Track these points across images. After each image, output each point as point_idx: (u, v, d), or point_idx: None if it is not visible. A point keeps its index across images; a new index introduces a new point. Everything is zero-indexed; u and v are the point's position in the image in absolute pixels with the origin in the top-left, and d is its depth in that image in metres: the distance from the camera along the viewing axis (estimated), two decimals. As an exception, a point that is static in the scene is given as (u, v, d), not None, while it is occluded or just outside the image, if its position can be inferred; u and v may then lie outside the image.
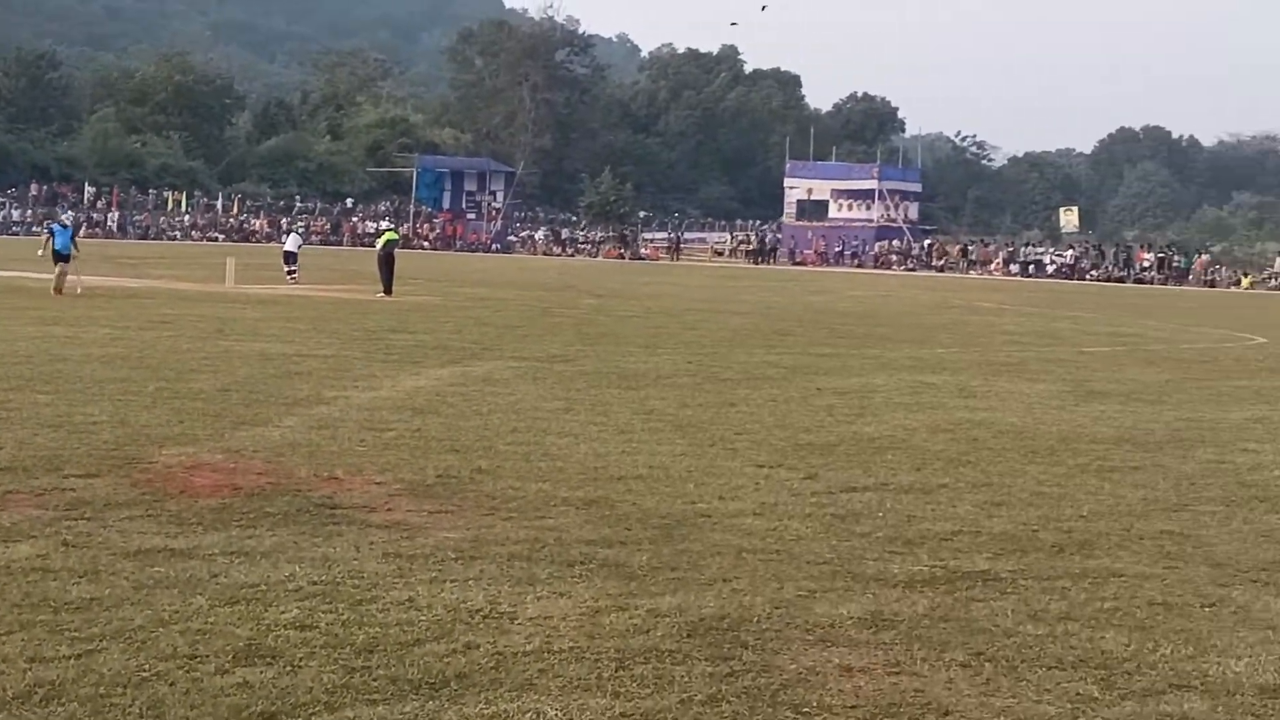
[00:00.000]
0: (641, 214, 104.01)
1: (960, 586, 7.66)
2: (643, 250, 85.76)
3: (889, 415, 14.73)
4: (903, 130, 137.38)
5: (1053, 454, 12.50)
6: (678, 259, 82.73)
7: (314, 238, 75.19)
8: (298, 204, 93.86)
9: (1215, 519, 9.81)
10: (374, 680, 5.78)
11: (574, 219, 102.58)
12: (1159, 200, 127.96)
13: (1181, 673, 6.29)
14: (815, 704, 5.72)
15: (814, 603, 7.20)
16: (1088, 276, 72.03)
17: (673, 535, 8.62)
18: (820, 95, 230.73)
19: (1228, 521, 9.74)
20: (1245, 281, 70.68)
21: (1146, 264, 73.80)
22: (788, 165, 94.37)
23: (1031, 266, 75.61)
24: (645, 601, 7.06)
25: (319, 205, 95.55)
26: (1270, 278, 71.64)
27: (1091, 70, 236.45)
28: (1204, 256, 76.72)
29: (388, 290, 32.55)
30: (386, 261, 33.36)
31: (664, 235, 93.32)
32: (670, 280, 52.21)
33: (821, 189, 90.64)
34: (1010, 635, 6.78)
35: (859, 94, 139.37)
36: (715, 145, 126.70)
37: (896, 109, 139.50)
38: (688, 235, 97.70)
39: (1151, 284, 69.61)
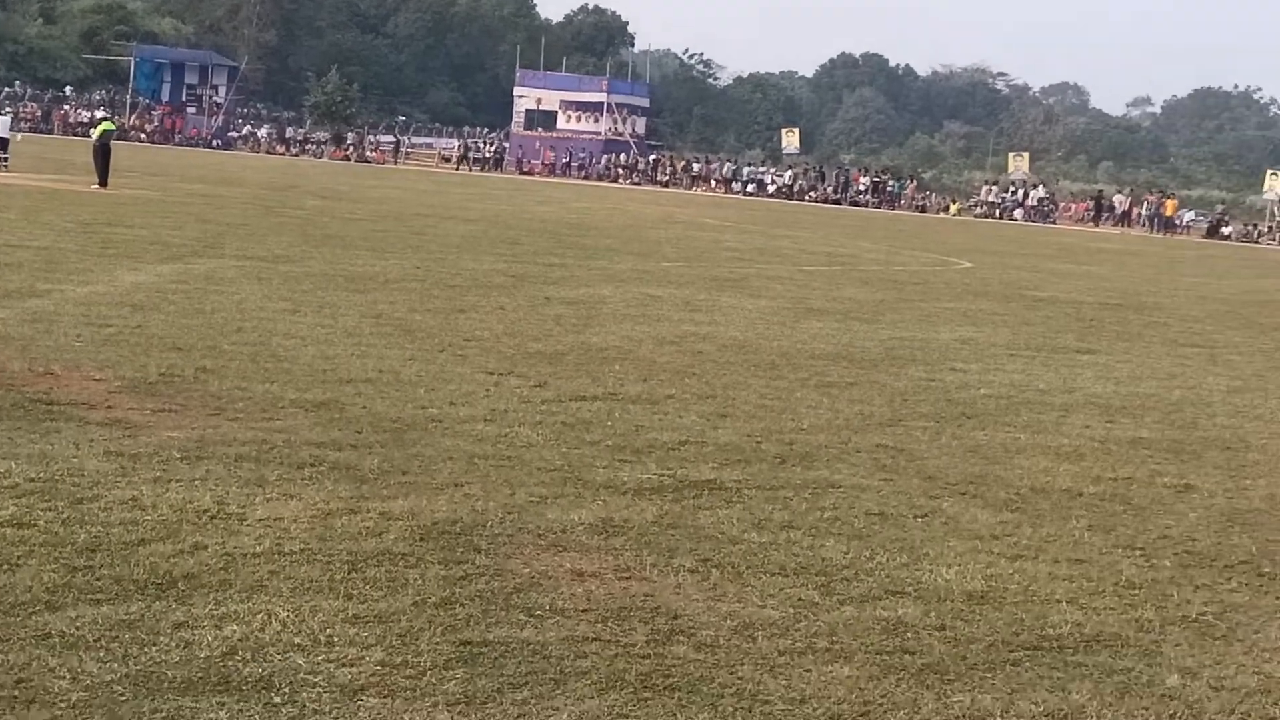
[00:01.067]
0: (368, 117, 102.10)
1: (688, 495, 7.83)
2: (369, 153, 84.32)
3: (616, 326, 14.89)
4: (632, 45, 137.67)
5: (774, 368, 12.82)
6: (401, 163, 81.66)
7: (24, 124, 71.77)
8: (6, 89, 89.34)
9: (926, 434, 10.22)
10: (97, 580, 5.64)
11: (298, 118, 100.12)
12: (875, 126, 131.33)
13: (896, 579, 6.56)
14: (547, 607, 5.79)
15: (545, 508, 7.28)
16: (806, 197, 73.62)
17: (403, 439, 8.59)
18: (552, 6, 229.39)
19: (938, 436, 10.16)
20: (954, 208, 73.21)
21: (862, 187, 75.72)
22: (518, 74, 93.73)
23: (753, 186, 76.88)
24: (377, 505, 7.03)
25: (30, 91, 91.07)
26: (977, 205, 74.33)
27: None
28: (914, 183, 79.15)
29: (103, 182, 31.45)
30: (102, 153, 32.25)
31: (390, 139, 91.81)
32: (396, 185, 51.53)
33: (550, 99, 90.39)
34: (736, 542, 6.96)
35: (590, 6, 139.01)
36: (445, 50, 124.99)
37: (627, 23, 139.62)
38: (415, 140, 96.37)
39: (866, 207, 71.52)
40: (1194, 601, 6.55)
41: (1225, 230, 64.50)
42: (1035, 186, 75.84)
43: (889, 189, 75.93)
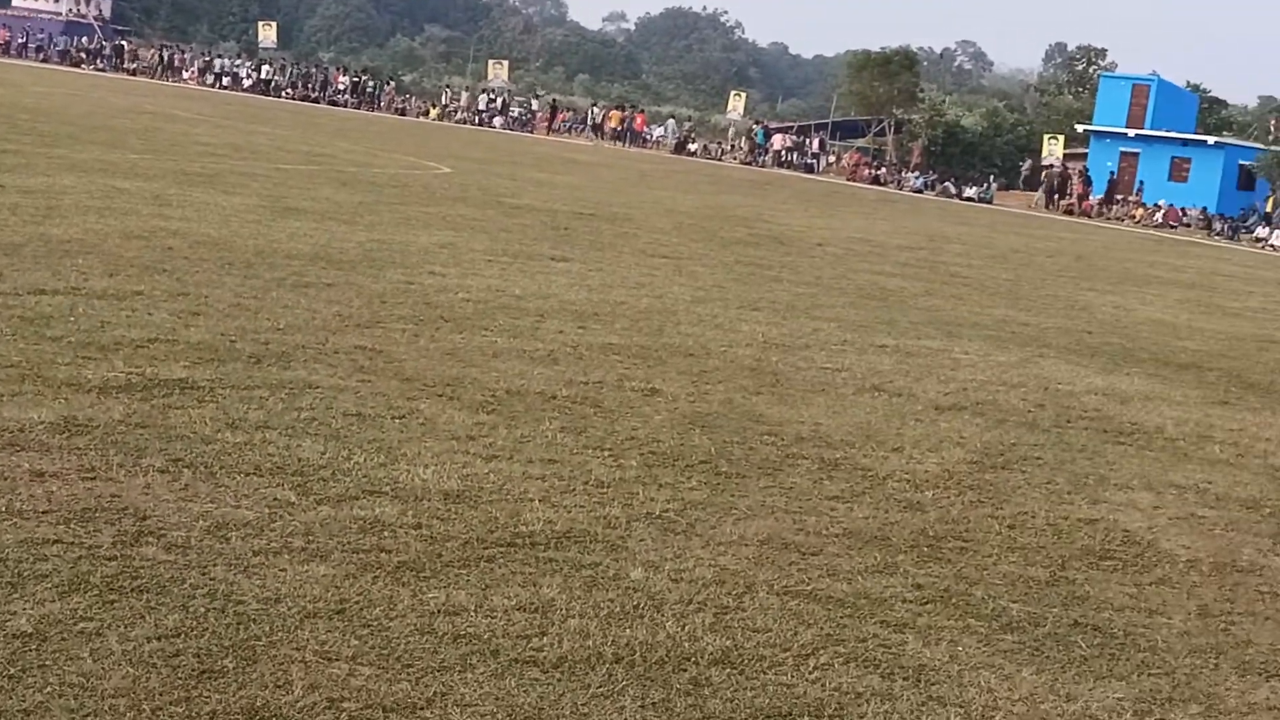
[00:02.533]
0: None
1: (157, 394, 7.59)
2: None
3: (79, 219, 14.17)
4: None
5: (250, 267, 12.54)
6: None
7: None
8: None
9: (405, 336, 10.25)
10: None
11: None
12: (355, 24, 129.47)
13: (374, 479, 6.59)
14: (5, 509, 5.51)
15: (1, 406, 6.89)
16: (283, 94, 72.02)
17: None
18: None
19: (416, 339, 10.22)
20: (434, 112, 73.34)
21: (342, 87, 74.73)
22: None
23: (228, 79, 74.56)
24: None
25: None
26: (456, 110, 74.73)
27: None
28: (393, 85, 78.73)
29: None
30: None
31: None
32: None
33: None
34: (209, 442, 6.81)
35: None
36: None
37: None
38: None
39: (345, 107, 70.66)
40: (658, 499, 6.88)
41: (691, 147, 67.31)
42: (529, 99, 76.94)
43: (368, 89, 75.24)
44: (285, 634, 4.76)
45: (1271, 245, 48.22)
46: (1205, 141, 63.15)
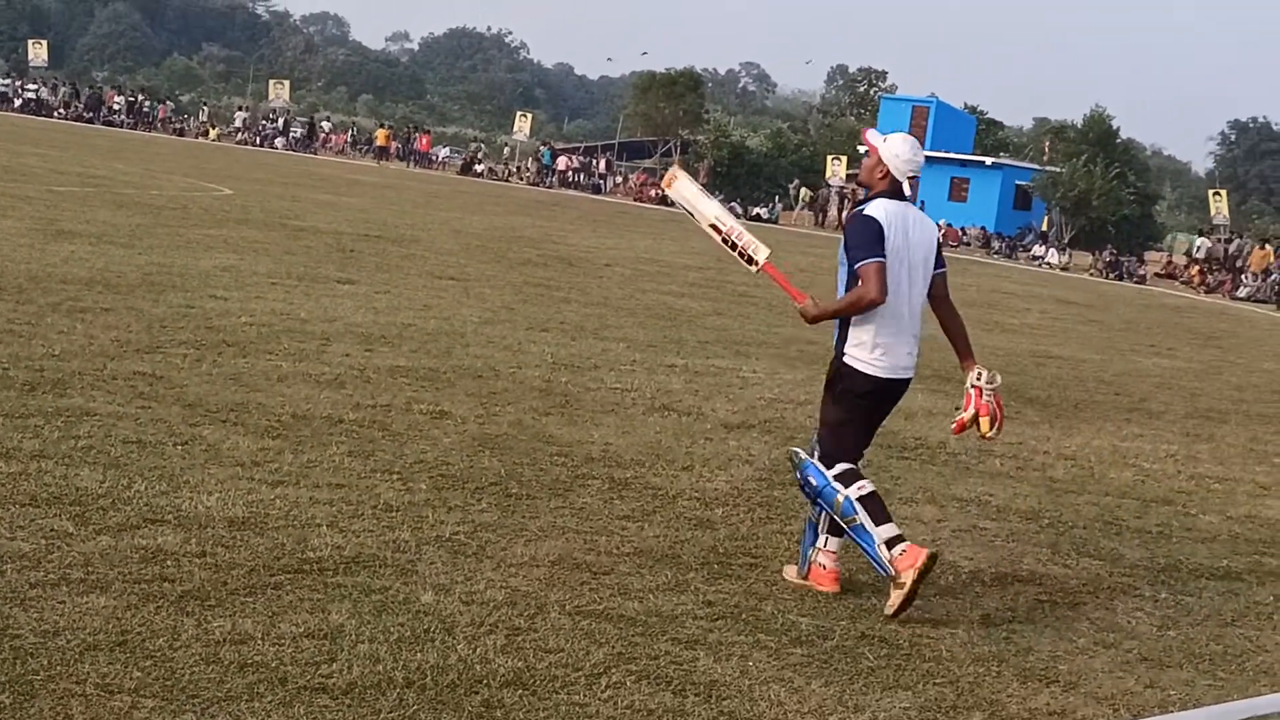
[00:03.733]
0: None
1: (-75, 425, 7.30)
2: None
3: None
4: None
5: (22, 292, 12.16)
6: None
7: None
8: None
9: (187, 361, 10.03)
10: None
11: None
12: (130, 43, 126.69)
13: (156, 508, 6.42)
14: None
15: None
16: (55, 114, 69.99)
17: None
18: None
19: (198, 364, 10.00)
20: (213, 133, 71.99)
21: (117, 106, 72.91)
22: None
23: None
24: None
25: None
26: (236, 131, 73.48)
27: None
28: (167, 104, 77.10)
29: None
30: None
31: None
32: None
33: None
34: (-19, 474, 6.58)
35: None
36: None
37: None
38: None
39: (121, 127, 68.97)
40: (447, 522, 6.83)
41: (478, 168, 67.17)
42: (312, 118, 75.91)
43: (145, 109, 73.57)
44: (65, 668, 4.61)
45: (1047, 263, 49.88)
46: (983, 162, 65.16)
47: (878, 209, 6.56)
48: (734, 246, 7.31)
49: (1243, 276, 42.69)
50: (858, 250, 6.53)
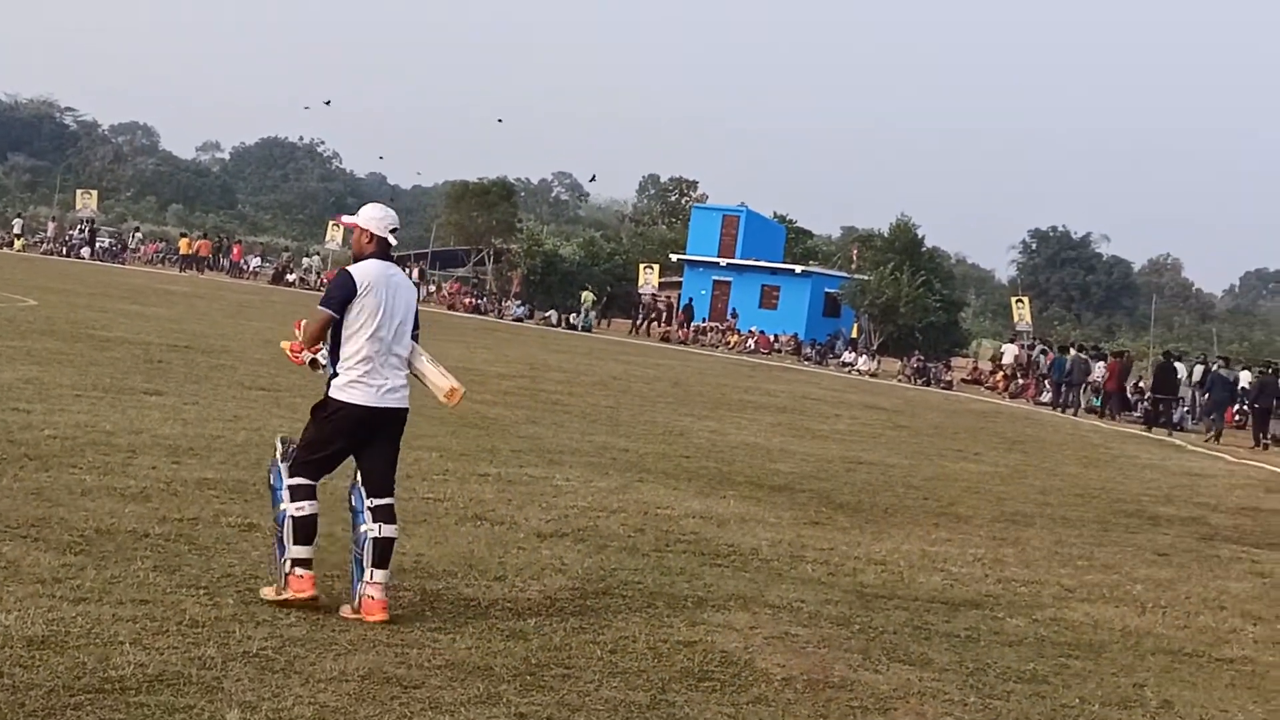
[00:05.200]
0: None
1: None
2: None
3: None
4: None
5: None
6: None
7: None
8: None
9: (-15, 477, 9.77)
10: None
11: None
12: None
13: (-50, 629, 6.23)
14: None
15: None
16: None
17: None
18: None
19: (-2, 479, 9.75)
20: (18, 244, 70.40)
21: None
22: None
23: None
24: None
25: None
26: (43, 240, 71.94)
27: None
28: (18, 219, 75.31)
29: None
30: None
31: None
32: None
33: None
34: None
35: None
36: None
37: None
38: None
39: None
40: (255, 637, 6.72)
41: (290, 277, 66.62)
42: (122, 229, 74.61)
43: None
44: None
45: (857, 369, 50.87)
46: (793, 270, 66.37)
47: (359, 269, 7.65)
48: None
49: (1045, 382, 43.88)
50: (325, 295, 7.72)
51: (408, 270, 68.27)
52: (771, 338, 58.32)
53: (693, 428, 20.53)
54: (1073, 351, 43.21)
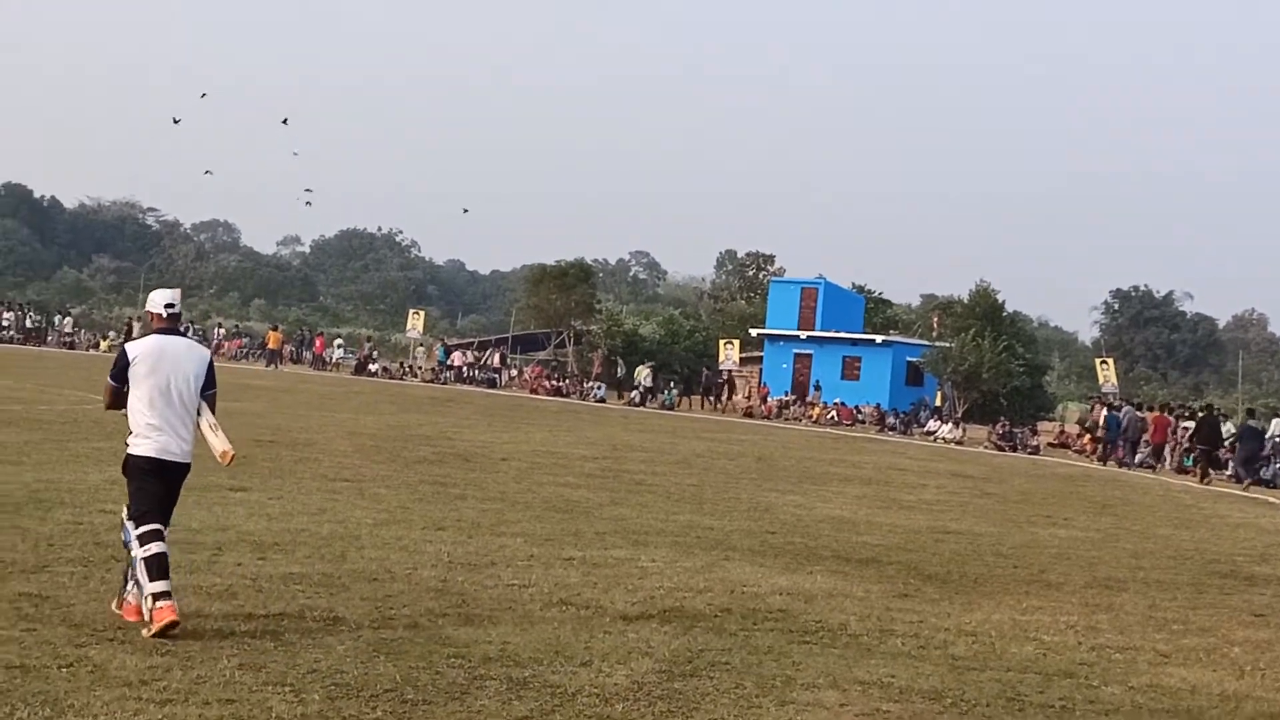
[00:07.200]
0: None
1: None
2: None
3: None
4: None
5: (-96, 516, 11.91)
6: None
7: None
8: None
9: (74, 579, 9.87)
10: None
11: None
12: (20, 258, 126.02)
13: (38, 735, 6.25)
14: None
15: None
16: (-56, 332, 69.27)
17: None
18: None
19: (85, 581, 9.84)
20: (104, 344, 71.48)
21: (7, 323, 72.35)
22: None
23: (-118, 318, 71.34)
24: None
25: None
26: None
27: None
28: (68, 319, 76.64)
29: None
30: None
31: None
32: None
33: None
34: None
35: None
36: None
37: None
38: None
39: (12, 343, 68.36)
40: (341, 733, 6.69)
41: (372, 367, 67.15)
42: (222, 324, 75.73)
43: (35, 324, 73.07)
44: None
45: (942, 438, 50.43)
46: (874, 340, 66.08)
47: (136, 344, 9.16)
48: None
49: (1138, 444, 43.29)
50: (111, 370, 9.11)
51: (488, 356, 68.74)
52: (854, 409, 58.00)
53: (778, 503, 20.40)
54: (1125, 408, 43.00)
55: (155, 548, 8.60)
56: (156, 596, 8.37)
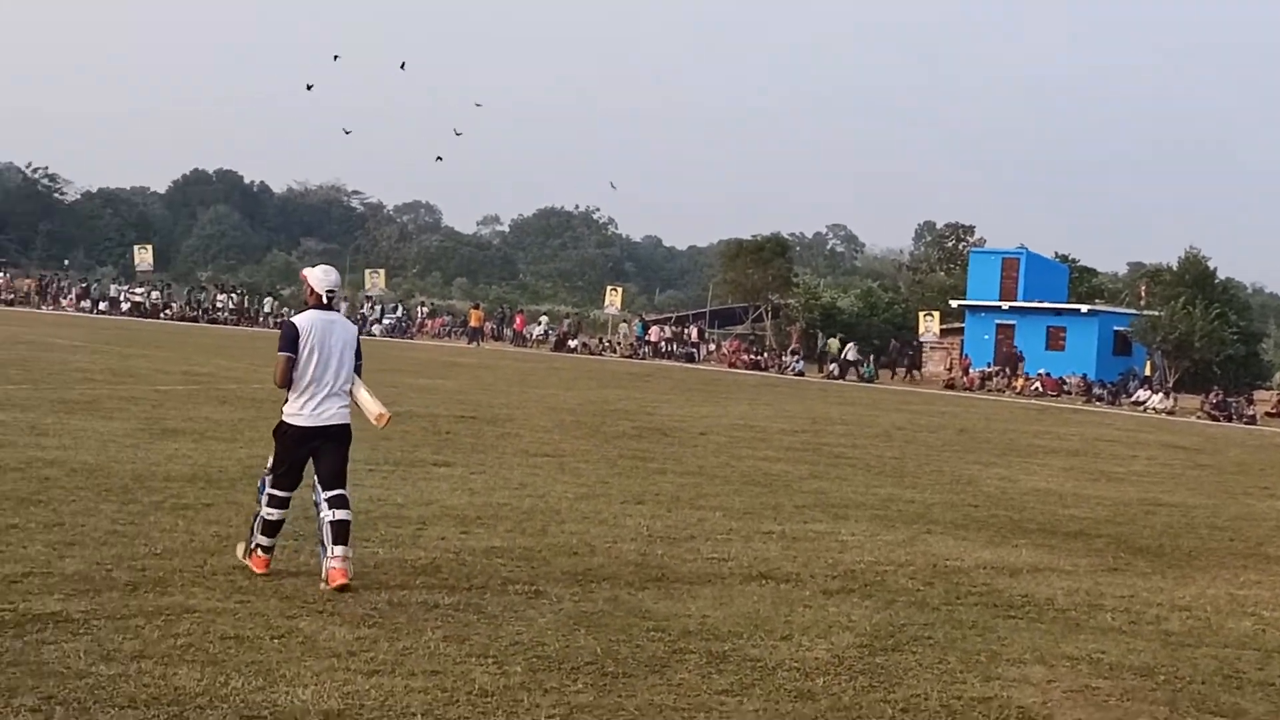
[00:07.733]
0: None
1: (30, 630, 7.41)
2: None
3: (-50, 453, 13.90)
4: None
5: (127, 492, 12.37)
6: None
7: None
8: None
9: (285, 552, 10.09)
10: None
11: None
12: (232, 242, 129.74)
13: (252, 704, 6.43)
14: None
15: None
16: (162, 315, 71.69)
17: None
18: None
19: (296, 555, 10.10)
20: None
21: (220, 304, 74.55)
22: None
23: (105, 303, 74.14)
24: None
25: None
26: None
27: (306, 110, 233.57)
28: (271, 299, 78.68)
29: None
30: None
31: None
32: None
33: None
34: (82, 676, 6.64)
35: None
36: None
37: None
38: None
39: (225, 324, 70.47)
40: (543, 705, 6.77)
41: (572, 343, 67.78)
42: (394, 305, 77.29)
43: (248, 306, 75.19)
44: None
45: (1152, 408, 49.18)
46: (1079, 310, 64.65)
47: (301, 318, 9.57)
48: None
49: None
50: (279, 344, 9.52)
51: (686, 331, 68.91)
52: (1059, 380, 56.85)
53: (980, 475, 20.10)
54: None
55: (276, 514, 9.43)
56: (260, 547, 9.37)
